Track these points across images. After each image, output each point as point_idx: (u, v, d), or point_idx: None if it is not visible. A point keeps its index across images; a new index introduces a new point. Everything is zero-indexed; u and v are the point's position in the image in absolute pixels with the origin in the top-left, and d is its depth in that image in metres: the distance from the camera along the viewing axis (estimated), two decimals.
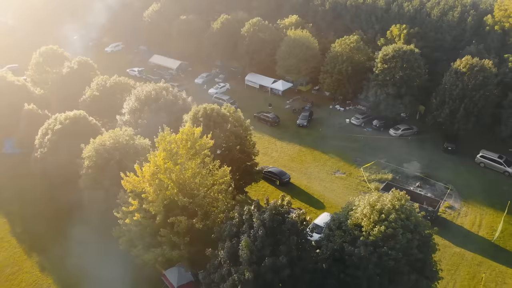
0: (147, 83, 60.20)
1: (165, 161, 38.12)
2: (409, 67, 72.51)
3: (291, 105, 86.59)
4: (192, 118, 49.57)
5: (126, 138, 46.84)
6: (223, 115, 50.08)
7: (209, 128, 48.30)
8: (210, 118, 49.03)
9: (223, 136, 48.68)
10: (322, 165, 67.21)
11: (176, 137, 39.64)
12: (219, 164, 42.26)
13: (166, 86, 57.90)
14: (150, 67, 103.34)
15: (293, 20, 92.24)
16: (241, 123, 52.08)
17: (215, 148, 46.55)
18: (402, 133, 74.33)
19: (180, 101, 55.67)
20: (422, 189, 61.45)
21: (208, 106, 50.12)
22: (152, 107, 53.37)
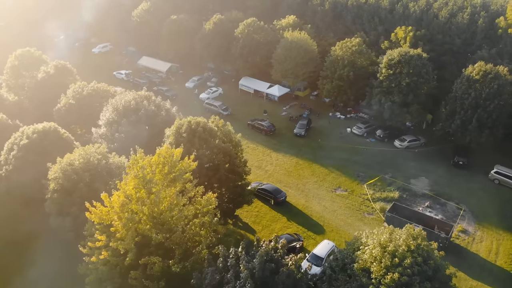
0: (129, 91, 53.90)
1: (137, 190, 32.00)
2: (416, 73, 66.51)
3: (288, 112, 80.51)
4: (175, 133, 43.51)
5: (98, 156, 40.65)
6: (210, 130, 43.98)
7: (193, 145, 42.28)
8: (195, 133, 42.94)
9: (210, 153, 42.59)
10: (321, 180, 61.15)
11: (151, 160, 33.50)
12: (203, 190, 36.17)
13: (148, 94, 51.78)
14: (138, 69, 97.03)
15: (290, 20, 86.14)
16: (231, 138, 45.96)
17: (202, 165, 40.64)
18: (408, 145, 68.34)
19: (163, 112, 49.51)
20: (432, 210, 55.47)
21: (193, 119, 44.02)
22: (130, 119, 47.25)
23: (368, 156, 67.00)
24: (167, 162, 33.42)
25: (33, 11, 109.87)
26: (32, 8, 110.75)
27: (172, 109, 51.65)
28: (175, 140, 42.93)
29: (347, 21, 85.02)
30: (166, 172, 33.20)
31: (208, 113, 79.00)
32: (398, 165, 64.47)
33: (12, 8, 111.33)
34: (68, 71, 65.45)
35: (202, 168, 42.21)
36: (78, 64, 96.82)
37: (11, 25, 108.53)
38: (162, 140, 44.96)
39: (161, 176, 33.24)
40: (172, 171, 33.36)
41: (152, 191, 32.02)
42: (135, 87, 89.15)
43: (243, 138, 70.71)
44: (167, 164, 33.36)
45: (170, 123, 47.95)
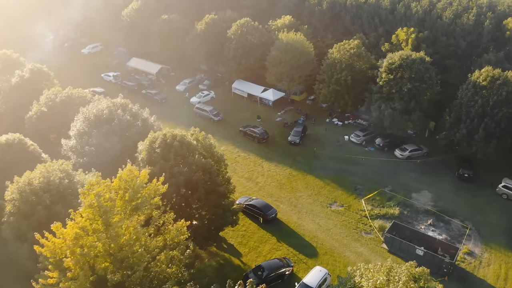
0: (103, 97, 48.92)
1: (93, 221, 27.13)
2: (418, 78, 61.47)
3: (283, 117, 75.49)
4: (148, 148, 38.62)
5: (59, 175, 35.77)
6: (188, 144, 39.01)
7: (168, 161, 37.40)
8: (170, 148, 38.03)
9: (187, 171, 37.70)
10: (316, 194, 56.17)
11: (111, 185, 28.60)
12: (173, 217, 31.30)
13: (124, 102, 46.88)
14: (128, 71, 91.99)
15: (286, 21, 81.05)
16: (213, 152, 40.98)
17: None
18: (409, 155, 63.26)
19: (139, 122, 44.51)
20: (436, 229, 50.48)
21: (168, 132, 39.09)
22: (102, 130, 42.32)
23: (367, 166, 62.00)
24: (130, 187, 28.50)
25: (21, 10, 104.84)
26: (20, 7, 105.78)
27: (150, 119, 46.67)
28: (148, 156, 38.11)
29: (345, 22, 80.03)
30: (127, 199, 28.28)
31: (199, 119, 74.46)
32: (398, 177, 59.48)
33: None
34: (44, 75, 60.47)
35: (179, 187, 37.42)
36: (66, 65, 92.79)
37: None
38: (135, 155, 40.10)
39: (123, 204, 28.34)
40: (134, 198, 28.43)
41: (110, 222, 27.11)
42: (123, 90, 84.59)
43: (234, 146, 66.66)
44: (129, 189, 28.44)
45: (146, 134, 43.07)
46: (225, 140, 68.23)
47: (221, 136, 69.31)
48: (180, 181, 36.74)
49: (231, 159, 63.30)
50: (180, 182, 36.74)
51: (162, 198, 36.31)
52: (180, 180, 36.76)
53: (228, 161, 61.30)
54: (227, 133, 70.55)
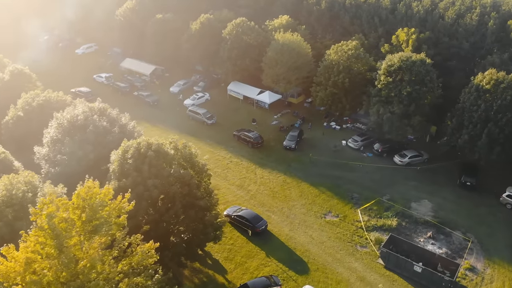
0: (80, 101, 45.79)
1: (44, 245, 24.04)
2: (418, 81, 58.02)
3: (279, 121, 72.19)
4: (121, 158, 35.52)
5: (23, 187, 32.70)
6: (165, 154, 35.86)
7: (142, 173, 34.28)
8: (144, 159, 34.89)
9: (164, 183, 34.56)
10: (310, 203, 52.91)
11: (68, 203, 25.47)
12: (141, 238, 28.17)
13: (102, 107, 43.82)
14: (121, 72, 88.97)
15: (283, 21, 77.67)
16: (193, 162, 37.75)
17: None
18: (409, 161, 59.84)
19: (116, 129, 41.34)
20: (436, 242, 47.12)
21: (143, 141, 35.93)
22: (75, 137, 39.23)
23: (364, 173, 58.69)
24: (89, 206, 25.33)
25: (15, 9, 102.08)
26: (14, 6, 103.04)
27: (129, 125, 43.45)
28: (120, 167, 35.03)
29: (344, 22, 76.56)
30: (84, 220, 25.12)
31: (191, 122, 71.41)
32: (397, 185, 56.14)
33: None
34: (26, 77, 57.55)
35: (154, 202, 34.33)
36: (59, 66, 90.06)
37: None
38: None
39: (81, 224, 25.21)
40: (93, 218, 25.25)
41: (64, 246, 23.99)
42: (116, 92, 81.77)
43: (227, 151, 63.46)
44: (87, 208, 25.26)
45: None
46: (218, 145, 65.14)
47: (213, 140, 66.35)
48: (154, 195, 33.61)
49: (223, 165, 60.21)
50: (154, 196, 33.61)
51: (135, 214, 33.37)
52: (154, 194, 33.63)
53: (219, 168, 58.81)
54: (220, 137, 67.43)
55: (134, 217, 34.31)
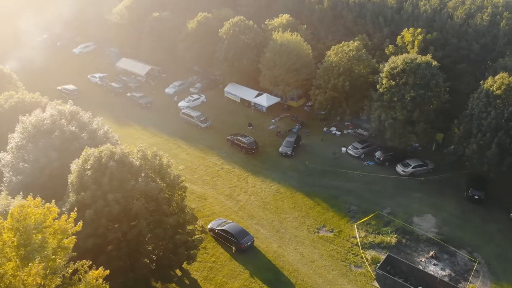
0: (52, 103, 42.25)
1: None
2: (423, 85, 53.64)
3: (277, 125, 68.22)
4: (80, 169, 31.95)
5: None
6: (130, 165, 32.07)
7: (101, 186, 30.67)
8: (105, 170, 31.22)
9: (127, 198, 30.89)
10: (303, 216, 48.92)
11: (3, 224, 21.89)
12: (89, 264, 24.52)
13: (73, 110, 40.30)
14: (117, 72, 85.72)
15: (283, 20, 73.64)
16: (164, 174, 33.91)
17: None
18: (412, 171, 55.47)
19: (85, 135, 37.75)
20: (438, 262, 42.80)
21: (105, 150, 32.20)
22: (39, 143, 35.74)
23: (364, 184, 54.50)
24: (22, 228, 21.72)
25: (14, 7, 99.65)
26: (13, 4, 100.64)
27: (100, 130, 39.76)
28: (79, 178, 31.45)
29: (348, 22, 72.34)
30: (16, 245, 21.53)
31: (185, 125, 67.87)
32: (399, 197, 51.86)
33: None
34: (5, 78, 54.28)
35: (115, 219, 30.72)
36: (54, 65, 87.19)
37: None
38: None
39: (13, 249, 21.63)
40: (27, 243, 21.62)
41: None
42: (110, 93, 78.63)
43: (219, 157, 59.68)
44: (19, 230, 21.66)
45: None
46: (210, 150, 61.43)
47: (206, 145, 62.70)
48: (115, 211, 30.00)
49: (213, 172, 56.48)
50: (114, 212, 30.00)
51: (94, 232, 29.89)
52: (115, 210, 30.02)
53: (209, 175, 55.06)
54: (214, 141, 63.73)
55: (93, 235, 30.84)
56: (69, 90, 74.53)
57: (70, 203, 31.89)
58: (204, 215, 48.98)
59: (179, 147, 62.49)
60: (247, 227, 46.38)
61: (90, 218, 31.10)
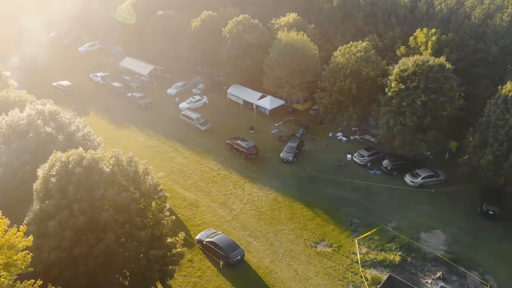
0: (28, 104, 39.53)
1: None
2: (436, 89, 49.57)
3: (280, 129, 64.74)
4: (46, 175, 29.03)
5: None
6: (100, 172, 28.95)
7: (67, 195, 27.69)
8: (71, 177, 28.21)
9: (93, 209, 27.82)
10: (301, 228, 45.33)
11: None
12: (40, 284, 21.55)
13: (53, 110, 37.51)
14: (120, 71, 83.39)
15: (290, 19, 70.15)
16: (139, 183, 30.69)
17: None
18: (422, 182, 51.34)
19: (61, 137, 34.89)
20: (446, 284, 38.71)
21: (74, 154, 29.18)
22: (12, 146, 33.01)
23: (369, 194, 50.60)
24: None
25: (21, 6, 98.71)
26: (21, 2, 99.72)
27: (79, 132, 36.84)
28: (44, 185, 28.53)
29: (358, 21, 68.52)
30: None
31: (184, 127, 64.98)
32: (406, 211, 47.85)
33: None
34: None
35: (81, 231, 27.72)
36: (58, 63, 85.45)
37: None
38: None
39: None
40: None
41: None
42: (111, 92, 76.38)
43: (216, 162, 56.54)
44: None
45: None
46: (208, 154, 58.31)
47: (204, 148, 59.63)
48: (80, 223, 26.99)
49: (208, 178, 53.30)
50: (79, 224, 26.99)
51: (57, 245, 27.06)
52: (80, 222, 27.00)
53: (204, 181, 51.93)
54: (212, 145, 60.62)
55: (57, 248, 27.93)
56: (63, 86, 73.74)
57: (34, 212, 29.10)
58: (194, 224, 45.83)
59: (176, 150, 59.51)
60: (239, 239, 43.05)
61: (54, 230, 28.28)
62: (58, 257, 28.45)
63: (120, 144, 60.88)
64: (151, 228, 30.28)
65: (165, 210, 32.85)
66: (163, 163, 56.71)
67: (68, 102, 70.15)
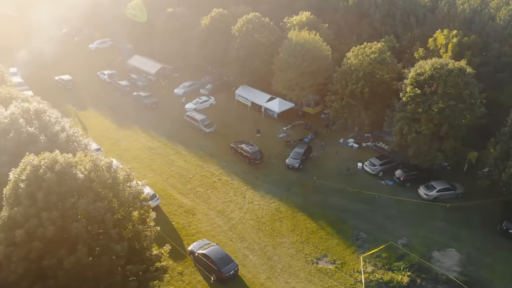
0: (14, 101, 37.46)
1: None
2: (455, 95, 45.93)
3: (288, 134, 61.79)
4: (17, 179, 26.78)
5: None
6: (72, 178, 26.43)
7: (36, 203, 25.38)
8: (41, 183, 25.87)
9: (65, 218, 25.40)
10: (303, 241, 42.33)
11: None
12: None
13: (38, 109, 35.37)
14: (128, 70, 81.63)
15: (303, 18, 67.15)
16: (117, 191, 28.06)
17: None
18: (437, 195, 47.72)
19: (43, 137, 32.68)
20: None
21: (46, 157, 26.79)
22: None
23: (379, 207, 47.24)
24: None
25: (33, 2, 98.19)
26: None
27: (64, 133, 34.49)
28: (14, 191, 26.29)
29: (375, 21, 65.23)
30: None
31: (188, 129, 62.63)
32: (418, 226, 44.36)
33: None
34: None
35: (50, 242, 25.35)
36: (70, 60, 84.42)
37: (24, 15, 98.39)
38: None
39: None
40: None
41: None
42: (117, 91, 74.68)
43: (218, 166, 54.01)
44: None
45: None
46: (210, 158, 55.77)
47: (207, 152, 57.12)
48: (49, 233, 24.63)
49: (208, 183, 50.72)
50: (48, 234, 24.64)
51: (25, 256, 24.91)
52: (49, 232, 24.64)
53: (203, 187, 49.48)
54: (216, 148, 58.08)
55: (25, 259, 25.67)
56: (64, 80, 73.66)
57: (2, 220, 26.90)
58: (188, 233, 43.26)
59: (177, 153, 57.14)
60: (234, 252, 40.31)
61: (22, 239, 25.97)
62: (27, 269, 26.20)
63: (121, 145, 59.09)
64: (130, 241, 27.71)
65: (149, 221, 30.31)
66: (162, 166, 54.41)
67: (68, 97, 69.07)
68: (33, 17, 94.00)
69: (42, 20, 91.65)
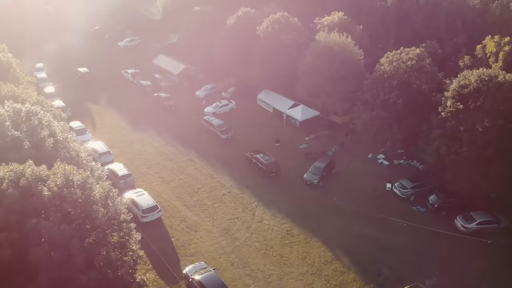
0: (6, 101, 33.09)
1: None
2: (505, 113, 38.15)
3: (310, 145, 55.40)
4: None
5: None
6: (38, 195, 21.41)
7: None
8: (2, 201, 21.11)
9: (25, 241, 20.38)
10: (313, 273, 36.00)
11: None
12: None
13: (30, 110, 30.98)
14: (152, 69, 77.58)
15: (335, 18, 60.47)
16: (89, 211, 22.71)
17: None
18: (477, 228, 40.02)
19: (27, 143, 28.05)
20: None
21: (12, 169, 22.00)
22: None
23: (407, 237, 40.15)
24: None
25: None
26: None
27: (49, 139, 29.56)
28: None
29: (415, 24, 58.10)
30: None
31: (204, 134, 57.53)
32: (452, 264, 37.06)
33: None
34: (3, 66, 46.77)
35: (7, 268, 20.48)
36: (98, 57, 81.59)
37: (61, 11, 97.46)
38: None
39: None
40: None
41: None
42: (138, 91, 70.84)
43: (230, 177, 48.55)
44: None
45: (39, 161, 26.51)
46: (223, 167, 50.35)
47: (220, 160, 51.74)
48: (5, 258, 19.87)
49: (216, 196, 45.25)
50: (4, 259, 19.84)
51: None
52: (5, 256, 19.86)
53: (210, 200, 44.14)
54: (230, 157, 52.62)
55: None
56: (81, 72, 72.51)
57: None
58: (186, 253, 37.91)
59: (189, 160, 52.05)
60: (234, 279, 34.63)
61: None
62: None
63: (134, 148, 54.88)
64: (100, 270, 22.41)
65: (131, 244, 24.98)
66: (172, 173, 49.49)
67: (85, 91, 66.79)
68: (68, 13, 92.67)
69: (76, 16, 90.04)
